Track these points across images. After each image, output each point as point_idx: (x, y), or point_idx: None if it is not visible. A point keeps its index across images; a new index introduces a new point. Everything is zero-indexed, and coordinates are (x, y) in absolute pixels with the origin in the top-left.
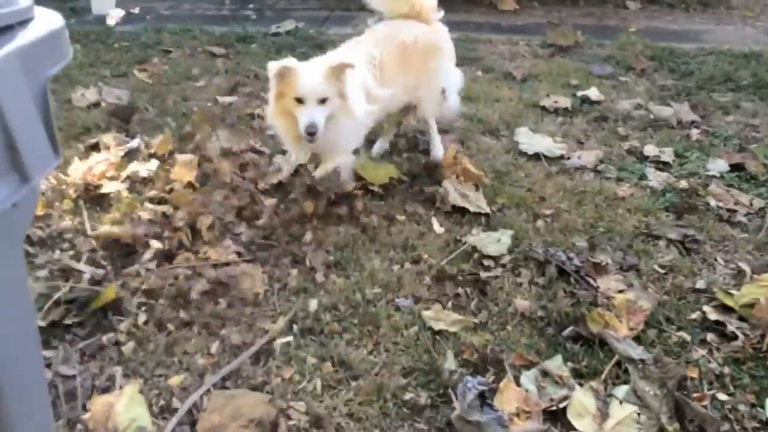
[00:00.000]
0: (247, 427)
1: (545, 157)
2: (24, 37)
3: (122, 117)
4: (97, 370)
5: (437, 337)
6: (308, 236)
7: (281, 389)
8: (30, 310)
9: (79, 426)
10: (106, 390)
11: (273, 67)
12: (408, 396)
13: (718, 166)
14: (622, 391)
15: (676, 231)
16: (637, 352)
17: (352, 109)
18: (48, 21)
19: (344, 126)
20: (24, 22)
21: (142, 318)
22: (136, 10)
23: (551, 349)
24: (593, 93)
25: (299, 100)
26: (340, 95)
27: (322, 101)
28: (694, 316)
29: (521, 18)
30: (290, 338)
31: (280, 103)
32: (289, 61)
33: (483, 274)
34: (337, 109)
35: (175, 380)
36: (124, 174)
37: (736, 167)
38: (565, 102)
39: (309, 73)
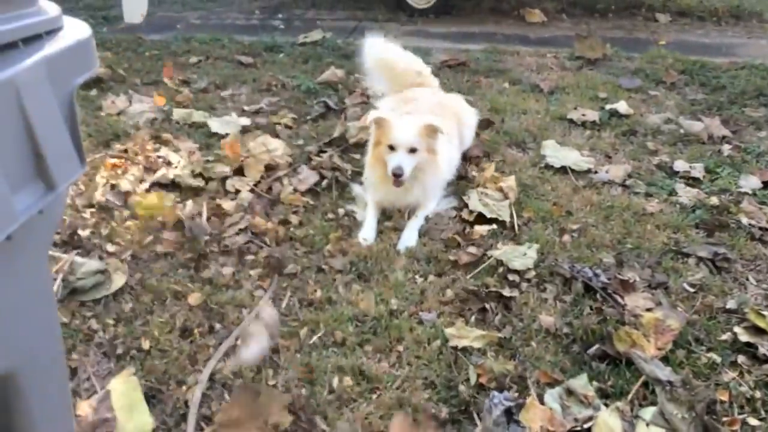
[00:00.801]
0: (262, 429)
1: (572, 170)
2: (52, 47)
3: (152, 124)
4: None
5: (459, 353)
6: (331, 246)
7: (302, 400)
8: (54, 315)
9: None
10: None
11: (371, 116)
12: (429, 411)
13: (751, 182)
14: (649, 412)
15: (706, 249)
16: (664, 373)
17: (439, 165)
18: (76, 31)
19: (430, 180)
20: (52, 32)
21: (167, 323)
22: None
23: (576, 367)
24: (622, 106)
25: (392, 148)
26: (429, 150)
27: (412, 151)
28: (724, 337)
29: (549, 30)
30: (312, 348)
31: (376, 151)
32: (385, 113)
33: (507, 289)
34: (424, 162)
35: (193, 390)
36: (151, 180)
37: None
38: (593, 115)
39: (403, 125)
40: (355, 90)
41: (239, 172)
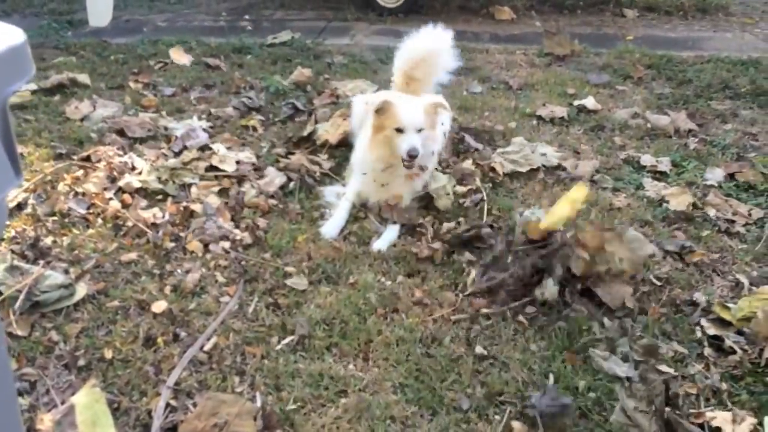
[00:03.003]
0: None
1: (541, 166)
2: None
3: (116, 129)
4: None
5: (429, 351)
6: (298, 249)
7: (269, 406)
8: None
9: None
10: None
11: (372, 103)
12: (397, 413)
13: (716, 175)
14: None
15: (673, 242)
16: (622, 369)
17: (438, 141)
18: (9, 37)
19: (429, 155)
20: None
21: (131, 332)
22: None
23: (545, 364)
24: (590, 102)
25: (399, 130)
26: (431, 127)
27: (419, 131)
28: (691, 329)
29: (518, 27)
30: (280, 354)
31: (378, 136)
32: (389, 97)
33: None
34: (427, 139)
35: (157, 399)
36: (116, 185)
37: (734, 176)
38: (561, 111)
39: (409, 107)
40: (324, 90)
41: (206, 176)
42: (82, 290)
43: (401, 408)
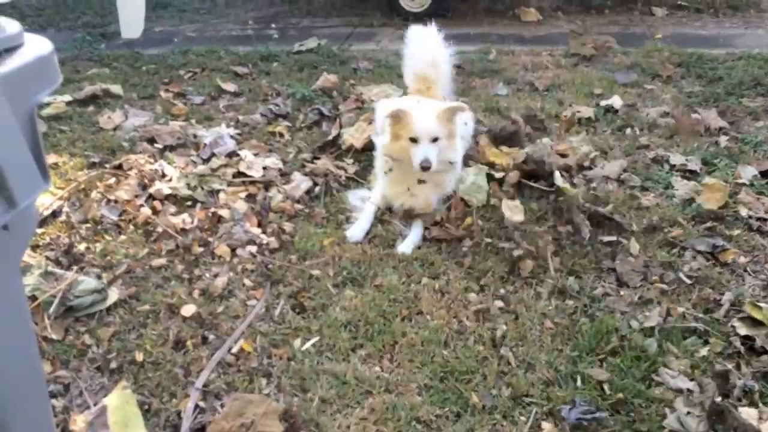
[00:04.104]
0: None
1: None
2: (10, 64)
3: (147, 138)
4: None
5: (454, 352)
6: (324, 252)
7: (295, 407)
8: (30, 337)
9: None
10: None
11: (387, 109)
12: (423, 414)
13: (748, 173)
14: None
15: (703, 242)
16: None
17: (457, 149)
18: (37, 47)
19: (445, 164)
20: (12, 49)
21: (161, 335)
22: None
23: (571, 365)
24: (617, 101)
25: (414, 140)
26: (449, 136)
27: (434, 140)
28: (722, 329)
29: (544, 29)
30: (305, 356)
31: (395, 144)
32: (403, 105)
33: (504, 289)
34: (444, 147)
35: (187, 401)
36: (147, 193)
37: (766, 174)
38: (588, 111)
39: (424, 116)
40: (350, 96)
41: (233, 182)
42: (114, 295)
43: (426, 409)
